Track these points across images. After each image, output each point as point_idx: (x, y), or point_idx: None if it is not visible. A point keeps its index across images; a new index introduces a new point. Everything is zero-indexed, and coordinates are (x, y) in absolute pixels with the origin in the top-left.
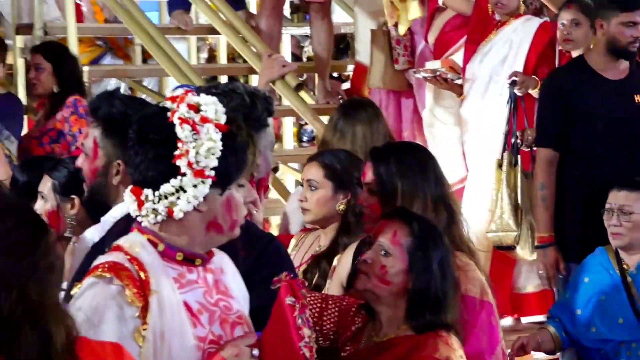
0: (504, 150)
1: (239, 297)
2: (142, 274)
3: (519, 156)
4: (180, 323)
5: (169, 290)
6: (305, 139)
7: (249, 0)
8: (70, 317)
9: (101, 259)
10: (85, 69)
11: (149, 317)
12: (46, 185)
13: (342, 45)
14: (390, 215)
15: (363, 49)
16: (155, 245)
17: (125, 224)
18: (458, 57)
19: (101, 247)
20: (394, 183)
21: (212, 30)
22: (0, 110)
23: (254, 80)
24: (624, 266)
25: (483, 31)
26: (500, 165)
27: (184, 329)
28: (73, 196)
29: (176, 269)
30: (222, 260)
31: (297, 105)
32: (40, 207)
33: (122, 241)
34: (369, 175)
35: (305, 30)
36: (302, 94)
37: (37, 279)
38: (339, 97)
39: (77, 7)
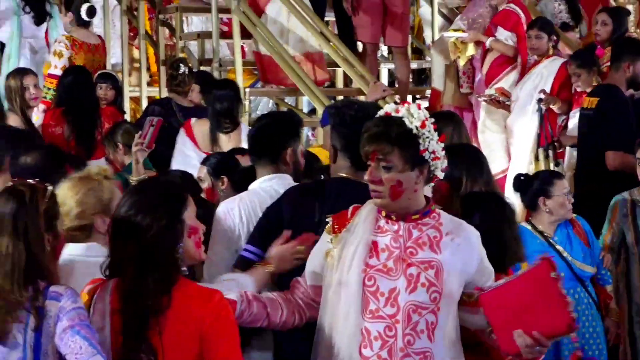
0: (537, 146)
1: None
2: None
3: (550, 150)
4: (355, 252)
5: (362, 230)
6: None
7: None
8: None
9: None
10: (247, 90)
11: (335, 242)
12: (202, 171)
13: (423, 75)
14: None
15: (437, 78)
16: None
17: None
18: (506, 84)
19: (278, 207)
20: (460, 172)
21: (334, 64)
22: None
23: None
24: (545, 234)
25: (524, 68)
26: (537, 158)
27: (356, 255)
28: (222, 176)
29: (383, 221)
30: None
31: None
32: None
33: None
34: None
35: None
36: None
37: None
38: None
39: (242, 48)
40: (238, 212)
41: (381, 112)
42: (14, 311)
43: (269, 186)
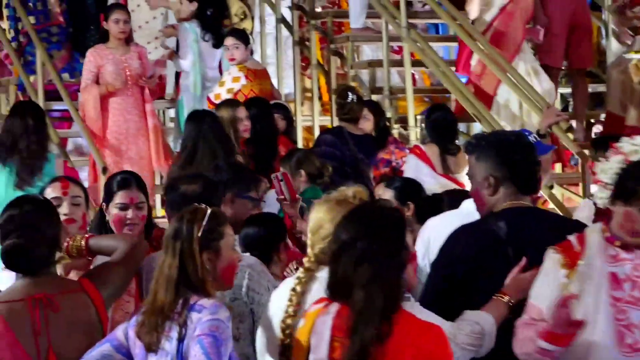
0: None
1: None
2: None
3: None
4: (598, 285)
5: (599, 261)
6: (572, 162)
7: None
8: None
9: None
10: (418, 117)
11: (572, 276)
12: (388, 194)
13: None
14: None
15: (614, 101)
16: (603, 231)
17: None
18: None
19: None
20: None
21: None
22: (366, 148)
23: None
24: None
25: None
26: None
27: (601, 289)
28: (409, 202)
29: (614, 250)
30: None
31: (566, 141)
32: None
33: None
34: None
35: (568, 90)
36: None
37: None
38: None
39: (412, 75)
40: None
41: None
42: (165, 321)
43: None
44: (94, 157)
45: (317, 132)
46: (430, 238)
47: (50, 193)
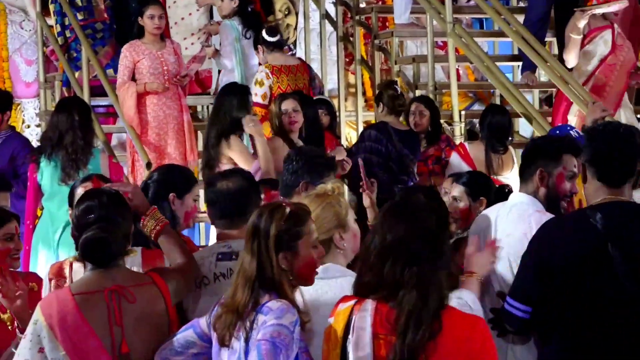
0: None
1: None
2: None
3: None
4: None
5: None
6: None
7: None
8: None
9: None
10: (462, 112)
11: None
12: (457, 189)
13: None
14: None
15: None
16: None
17: None
18: None
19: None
20: None
21: (551, 85)
22: (411, 144)
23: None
24: None
25: None
26: None
27: None
28: (482, 197)
29: None
30: None
31: None
32: (455, 206)
33: None
34: None
35: None
36: None
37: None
38: None
39: (457, 70)
40: None
41: None
42: (237, 320)
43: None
44: (138, 152)
45: (360, 128)
46: (481, 230)
47: (82, 193)
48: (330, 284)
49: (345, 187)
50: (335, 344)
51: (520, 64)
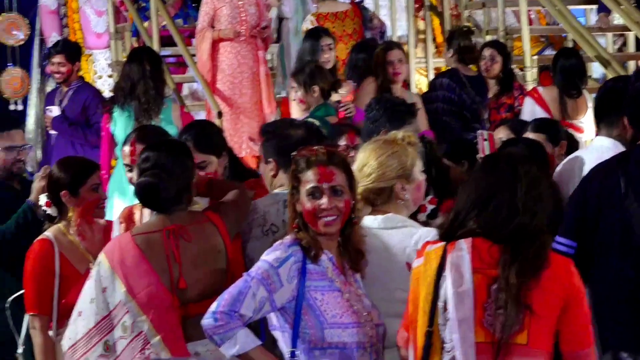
0: None
1: None
2: None
3: None
4: None
5: None
6: None
7: None
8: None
9: None
10: (534, 58)
11: None
12: (536, 137)
13: None
14: None
15: None
16: None
17: None
18: None
19: (581, 190)
20: None
21: (624, 28)
22: (480, 89)
23: None
24: None
25: None
26: None
27: None
28: (562, 141)
29: None
30: None
31: None
32: None
33: None
34: None
35: None
36: None
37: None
38: None
39: (528, 15)
40: None
41: None
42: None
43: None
44: (208, 102)
45: (431, 75)
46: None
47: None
48: (391, 234)
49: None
50: (427, 281)
51: (592, 7)
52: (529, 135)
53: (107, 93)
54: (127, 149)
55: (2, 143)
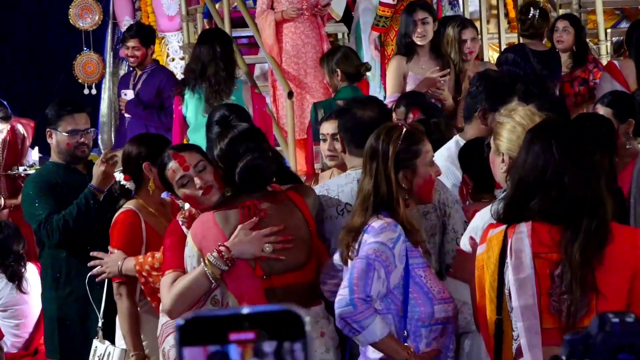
0: None
1: None
2: None
3: None
4: None
5: None
6: None
7: None
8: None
9: None
10: (608, 31)
11: None
12: (602, 111)
13: None
14: None
15: None
16: None
17: None
18: None
19: None
20: None
21: None
22: (551, 64)
23: None
24: None
25: None
26: None
27: None
28: (630, 119)
29: None
30: None
31: None
32: None
33: None
34: None
35: None
36: None
37: None
38: None
39: None
40: None
41: None
42: (354, 241)
43: None
44: (279, 81)
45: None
46: None
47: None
48: None
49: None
50: (491, 268)
51: None
52: (599, 109)
53: (179, 76)
54: (172, 165)
55: (65, 126)
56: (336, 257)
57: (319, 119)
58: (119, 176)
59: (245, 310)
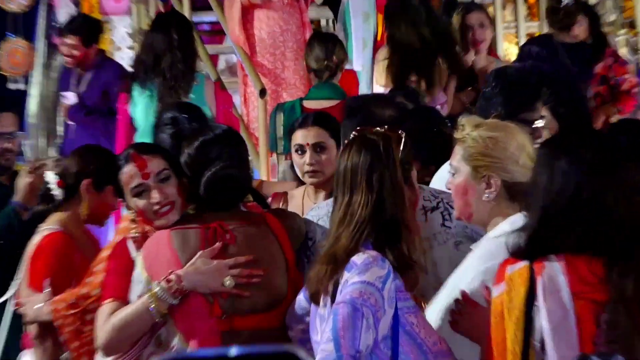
0: None
1: None
2: None
3: None
4: None
5: None
6: None
7: None
8: None
9: None
10: None
11: None
12: None
13: None
14: None
15: None
16: None
17: None
18: None
19: None
20: None
21: None
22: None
23: None
24: None
25: None
26: None
27: None
28: None
29: None
30: None
31: None
32: None
33: None
34: None
35: None
36: None
37: None
38: None
39: None
40: None
41: None
42: (332, 275)
43: None
44: (249, 77)
45: (522, 41)
46: None
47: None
48: None
49: None
50: (515, 314)
51: None
52: None
53: (127, 68)
54: (129, 168)
55: None
56: (301, 297)
57: (283, 123)
58: (51, 178)
59: (234, 351)
